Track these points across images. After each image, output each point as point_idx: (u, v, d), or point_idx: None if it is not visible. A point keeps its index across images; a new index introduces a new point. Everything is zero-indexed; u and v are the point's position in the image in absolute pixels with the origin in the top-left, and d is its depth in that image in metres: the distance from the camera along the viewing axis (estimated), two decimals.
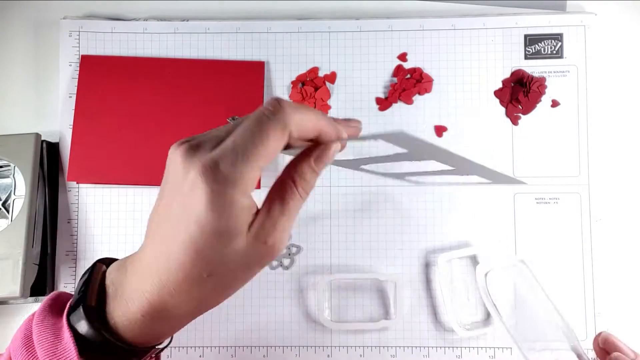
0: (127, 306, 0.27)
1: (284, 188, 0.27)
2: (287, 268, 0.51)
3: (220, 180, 0.24)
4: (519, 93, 0.52)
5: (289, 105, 0.26)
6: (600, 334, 0.42)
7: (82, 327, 0.27)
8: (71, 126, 0.52)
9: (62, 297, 0.31)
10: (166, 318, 0.27)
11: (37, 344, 0.27)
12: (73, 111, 0.52)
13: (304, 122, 0.26)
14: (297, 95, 0.53)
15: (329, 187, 0.52)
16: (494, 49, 0.53)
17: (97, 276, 0.29)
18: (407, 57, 0.53)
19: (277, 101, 0.26)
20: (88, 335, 0.27)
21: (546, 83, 0.52)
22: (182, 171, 0.25)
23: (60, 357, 0.26)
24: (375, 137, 0.26)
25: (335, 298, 0.51)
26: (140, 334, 0.28)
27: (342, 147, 0.29)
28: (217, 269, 0.26)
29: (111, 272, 0.29)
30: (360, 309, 0.51)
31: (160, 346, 0.31)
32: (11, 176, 0.49)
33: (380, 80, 0.53)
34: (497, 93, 0.53)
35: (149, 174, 0.52)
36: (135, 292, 0.27)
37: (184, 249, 0.25)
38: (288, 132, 0.25)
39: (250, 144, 0.25)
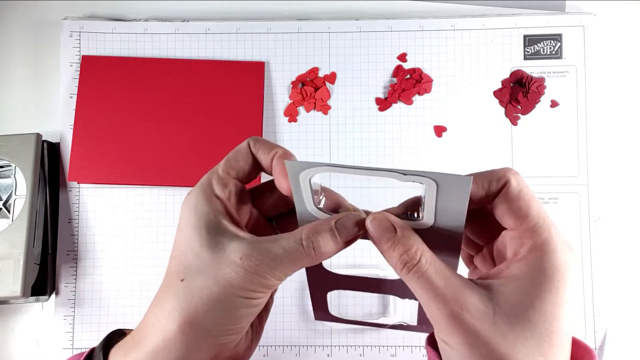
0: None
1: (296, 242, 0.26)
2: None
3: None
4: (518, 93, 0.52)
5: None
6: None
7: None
8: (72, 126, 0.52)
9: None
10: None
11: None
12: (74, 111, 0.52)
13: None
14: (297, 95, 0.53)
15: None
16: (493, 49, 0.53)
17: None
18: (407, 57, 0.53)
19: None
20: None
21: (545, 83, 0.52)
22: None
23: None
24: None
25: (335, 296, 0.51)
26: None
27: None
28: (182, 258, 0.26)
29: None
30: (360, 308, 0.51)
31: None
32: (12, 176, 0.49)
33: (380, 80, 0.53)
34: (497, 93, 0.53)
35: (150, 174, 0.52)
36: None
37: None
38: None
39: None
